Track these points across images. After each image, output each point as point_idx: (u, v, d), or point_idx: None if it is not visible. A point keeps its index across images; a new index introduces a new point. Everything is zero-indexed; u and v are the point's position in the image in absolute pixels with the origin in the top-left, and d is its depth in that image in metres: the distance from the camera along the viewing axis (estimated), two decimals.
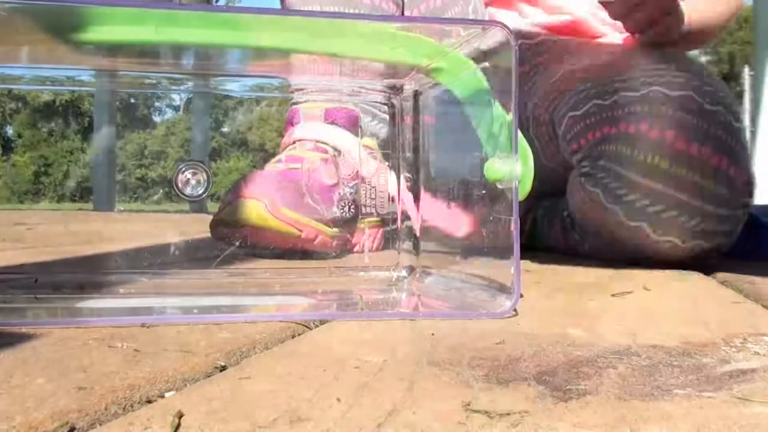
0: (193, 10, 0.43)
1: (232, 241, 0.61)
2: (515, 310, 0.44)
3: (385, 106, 0.62)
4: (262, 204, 0.67)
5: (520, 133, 0.44)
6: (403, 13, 0.91)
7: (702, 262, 0.77)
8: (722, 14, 1.01)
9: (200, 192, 0.57)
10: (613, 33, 1.02)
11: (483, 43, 0.47)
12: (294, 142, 0.79)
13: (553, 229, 0.95)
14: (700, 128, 0.72)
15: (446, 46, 0.49)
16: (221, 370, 0.30)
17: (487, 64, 0.47)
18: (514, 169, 0.43)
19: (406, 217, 0.61)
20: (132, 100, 0.69)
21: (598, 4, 0.90)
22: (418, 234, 0.59)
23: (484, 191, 0.48)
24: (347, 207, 0.63)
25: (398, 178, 0.61)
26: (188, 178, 0.56)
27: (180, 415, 0.24)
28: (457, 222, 0.55)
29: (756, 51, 3.41)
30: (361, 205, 0.63)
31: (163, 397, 0.26)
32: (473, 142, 0.50)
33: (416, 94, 0.59)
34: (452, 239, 0.56)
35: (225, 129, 0.73)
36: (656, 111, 0.73)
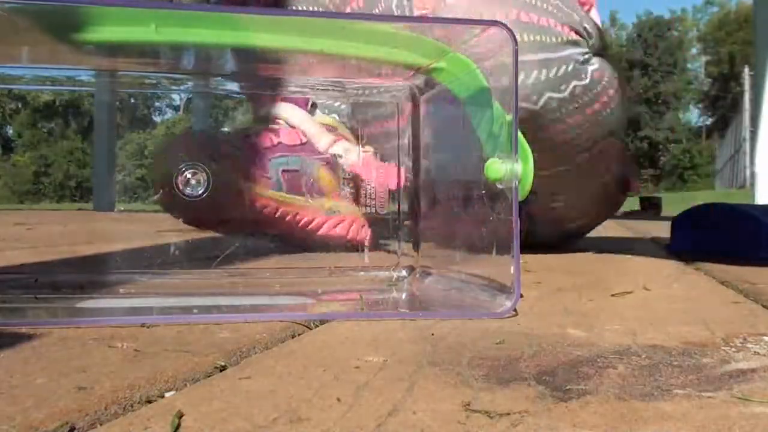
0: (193, 10, 0.43)
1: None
2: (515, 310, 0.44)
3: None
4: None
5: (520, 133, 0.44)
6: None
7: None
8: None
9: (200, 192, 0.57)
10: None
11: (483, 43, 0.47)
12: None
13: None
14: None
15: (446, 46, 0.49)
16: (221, 370, 0.30)
17: (487, 63, 0.47)
18: (514, 169, 0.43)
19: (406, 216, 0.61)
20: (132, 100, 0.69)
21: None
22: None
23: (484, 191, 0.48)
24: (285, 173, 0.64)
25: (399, 177, 0.61)
26: (188, 178, 0.56)
27: (180, 415, 0.24)
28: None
29: (756, 51, 3.41)
30: (362, 205, 0.63)
31: (163, 397, 0.26)
32: (473, 142, 0.50)
33: (416, 94, 0.59)
34: (452, 239, 0.56)
35: (225, 129, 0.73)
36: None
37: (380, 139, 0.64)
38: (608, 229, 1.66)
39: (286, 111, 0.76)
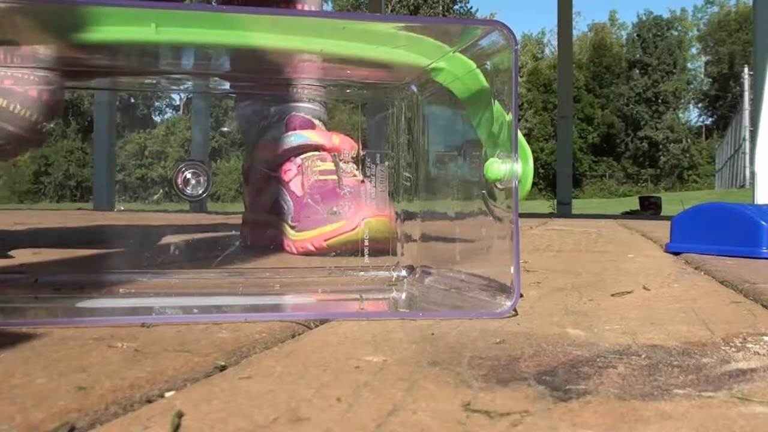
0: (193, 10, 0.43)
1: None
2: (515, 310, 0.44)
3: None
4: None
5: (520, 133, 0.44)
6: None
7: None
8: None
9: (200, 192, 0.57)
10: None
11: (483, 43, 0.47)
12: None
13: None
14: None
15: (446, 46, 0.49)
16: (221, 370, 0.30)
17: (487, 63, 0.47)
18: (514, 169, 0.43)
19: (407, 216, 0.61)
20: (132, 100, 0.69)
21: None
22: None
23: (484, 191, 0.48)
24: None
25: (398, 177, 0.61)
26: (188, 178, 0.56)
27: (180, 415, 0.24)
28: None
29: (756, 51, 3.41)
30: (363, 204, 0.63)
31: (163, 397, 0.26)
32: (473, 142, 0.50)
33: (416, 94, 0.59)
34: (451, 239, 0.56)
35: (225, 129, 0.73)
36: None
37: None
38: (608, 229, 1.66)
39: None
